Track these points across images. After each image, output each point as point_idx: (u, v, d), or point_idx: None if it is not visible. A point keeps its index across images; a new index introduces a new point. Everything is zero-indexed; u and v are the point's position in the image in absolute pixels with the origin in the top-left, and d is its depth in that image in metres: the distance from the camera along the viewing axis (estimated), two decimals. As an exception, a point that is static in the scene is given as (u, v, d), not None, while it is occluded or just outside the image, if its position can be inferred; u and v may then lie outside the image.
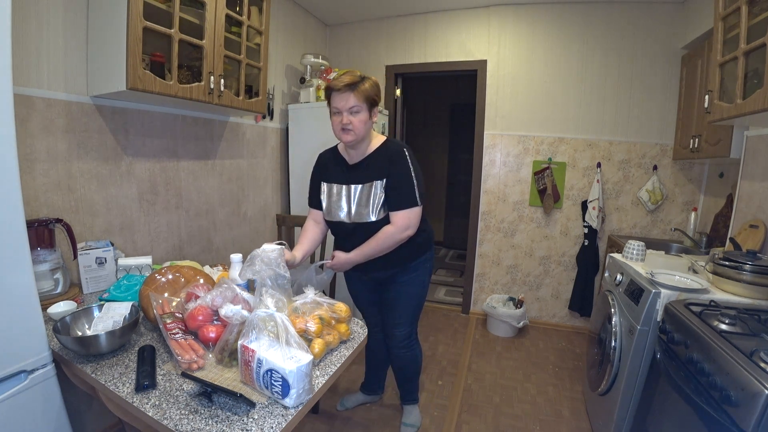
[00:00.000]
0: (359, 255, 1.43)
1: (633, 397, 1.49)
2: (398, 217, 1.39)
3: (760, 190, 1.77)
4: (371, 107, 1.39)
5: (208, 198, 2.21)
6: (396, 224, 1.39)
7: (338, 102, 1.36)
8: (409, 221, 1.39)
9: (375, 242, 1.40)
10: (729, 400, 0.90)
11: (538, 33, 2.81)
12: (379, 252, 1.43)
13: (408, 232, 1.40)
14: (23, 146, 1.35)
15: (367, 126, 1.40)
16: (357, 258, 1.43)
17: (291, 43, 2.85)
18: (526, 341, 2.79)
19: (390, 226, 1.40)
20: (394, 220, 1.40)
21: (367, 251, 1.42)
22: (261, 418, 0.80)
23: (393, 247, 1.42)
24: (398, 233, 1.39)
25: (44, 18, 1.38)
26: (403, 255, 1.51)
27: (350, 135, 1.38)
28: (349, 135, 1.38)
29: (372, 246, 1.41)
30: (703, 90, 2.00)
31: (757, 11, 1.40)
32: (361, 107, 1.35)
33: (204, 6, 1.63)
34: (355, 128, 1.36)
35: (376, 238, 1.40)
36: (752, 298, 1.36)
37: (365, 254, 1.43)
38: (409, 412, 1.87)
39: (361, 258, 1.43)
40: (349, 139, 1.39)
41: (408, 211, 1.39)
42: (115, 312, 1.13)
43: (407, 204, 1.39)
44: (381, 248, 1.41)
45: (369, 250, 1.42)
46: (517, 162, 2.97)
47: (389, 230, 1.39)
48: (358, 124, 1.36)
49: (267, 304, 0.96)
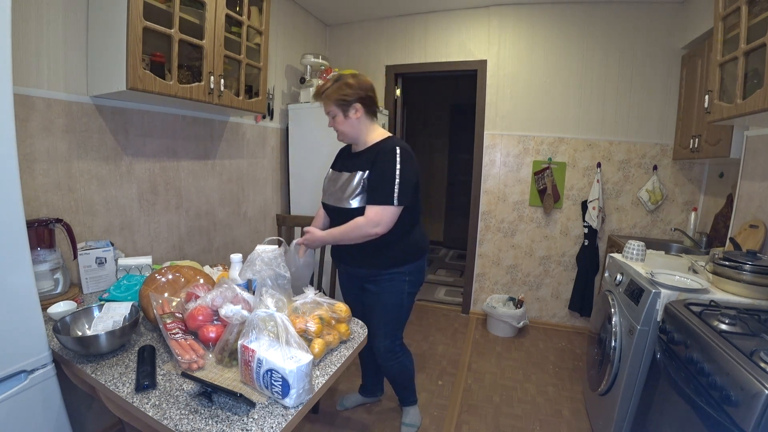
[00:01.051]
0: (328, 236, 1.44)
1: (633, 397, 1.49)
2: (370, 211, 1.38)
3: (760, 190, 1.77)
4: (344, 106, 1.43)
5: (208, 198, 2.21)
6: (367, 217, 1.38)
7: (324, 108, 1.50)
8: (380, 218, 1.36)
9: (344, 228, 1.42)
10: (729, 400, 0.90)
11: (538, 33, 2.81)
12: (346, 239, 1.42)
13: (377, 230, 1.37)
14: (23, 146, 1.35)
15: (350, 124, 1.46)
16: (326, 238, 1.45)
17: (291, 43, 2.85)
18: (526, 341, 2.79)
19: (361, 218, 1.39)
20: (366, 212, 1.39)
21: (336, 234, 1.43)
22: (261, 418, 0.80)
23: (359, 239, 1.40)
24: (366, 227, 1.37)
25: (44, 18, 1.38)
26: (377, 260, 1.51)
27: (339, 136, 1.52)
28: (338, 136, 1.52)
29: (341, 231, 1.42)
30: (703, 90, 2.00)
31: (757, 11, 1.40)
32: (334, 111, 1.45)
33: (204, 6, 1.63)
34: (337, 129, 1.49)
35: (346, 225, 1.41)
36: (752, 298, 1.36)
37: (334, 237, 1.44)
38: (409, 413, 1.87)
39: (330, 239, 1.45)
40: (340, 139, 1.53)
41: (381, 208, 1.37)
42: (115, 312, 1.13)
43: (382, 200, 1.37)
44: (347, 236, 1.41)
45: (337, 234, 1.43)
46: (517, 162, 2.97)
47: (359, 221, 1.39)
48: (338, 126, 1.48)
49: (267, 304, 0.96)
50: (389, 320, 1.59)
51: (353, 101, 1.42)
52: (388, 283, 1.54)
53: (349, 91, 1.41)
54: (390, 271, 1.53)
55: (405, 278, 1.55)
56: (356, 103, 1.42)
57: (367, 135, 1.49)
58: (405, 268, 1.54)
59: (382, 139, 1.49)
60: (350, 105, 1.42)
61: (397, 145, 1.43)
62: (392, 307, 1.57)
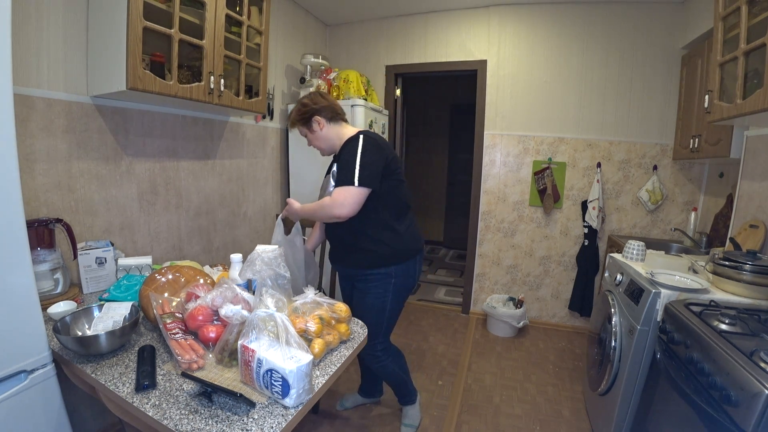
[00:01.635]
0: (303, 209, 1.52)
1: (633, 397, 1.49)
2: (336, 192, 1.40)
3: (760, 190, 1.77)
4: (307, 124, 1.55)
5: (208, 198, 2.21)
6: (333, 197, 1.40)
7: None
8: (343, 198, 1.37)
9: (316, 204, 1.47)
10: (729, 400, 0.90)
11: (538, 33, 2.81)
12: (317, 216, 1.48)
13: (342, 210, 1.37)
14: (23, 146, 1.35)
15: (319, 137, 1.56)
16: (302, 210, 1.52)
17: (291, 43, 2.85)
18: (526, 341, 2.79)
19: (327, 198, 1.43)
20: (333, 193, 1.41)
21: (308, 209, 1.50)
22: (261, 418, 0.80)
23: (327, 218, 1.45)
24: (331, 206, 1.38)
25: (44, 18, 1.39)
26: (362, 259, 1.52)
27: (320, 151, 1.63)
28: (320, 151, 1.63)
29: (312, 206, 1.48)
30: (703, 90, 2.00)
31: (757, 11, 1.40)
32: (303, 130, 1.58)
33: (204, 6, 1.63)
34: (314, 145, 1.60)
35: (318, 202, 1.46)
36: (752, 298, 1.36)
37: (305, 210, 1.51)
38: (408, 413, 1.88)
39: (304, 213, 1.52)
40: (322, 154, 1.65)
41: (344, 189, 1.38)
42: (115, 312, 1.13)
43: (344, 181, 1.39)
44: (316, 213, 1.46)
45: (309, 209, 1.50)
46: (517, 162, 2.97)
47: (325, 200, 1.43)
48: (313, 143, 1.60)
49: (267, 304, 0.96)
50: (369, 323, 1.47)
51: (311, 115, 1.53)
52: (372, 284, 1.53)
53: (306, 108, 1.53)
54: (374, 272, 1.52)
55: (390, 280, 1.52)
56: (315, 115, 1.52)
57: (338, 138, 1.55)
58: (391, 270, 1.52)
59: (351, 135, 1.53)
60: (311, 119, 1.53)
61: (361, 133, 1.49)
62: (373, 309, 1.53)
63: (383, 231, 1.49)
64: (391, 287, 1.53)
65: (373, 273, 1.52)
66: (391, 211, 1.49)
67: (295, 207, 1.54)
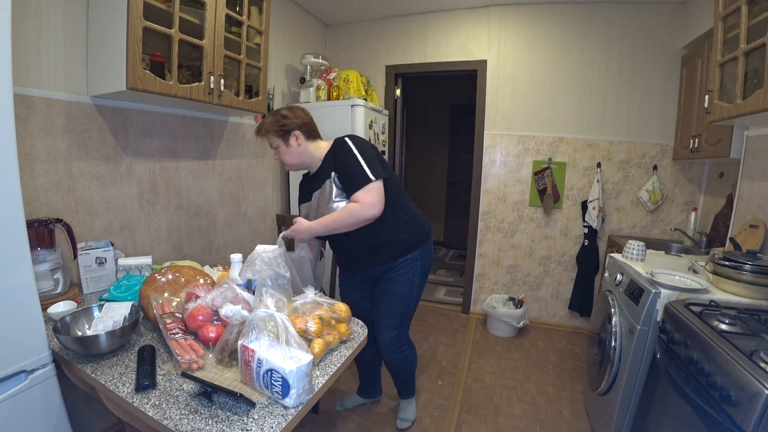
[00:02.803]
0: (320, 225, 1.41)
1: (633, 397, 1.49)
2: (359, 197, 1.38)
3: (760, 190, 1.77)
4: (284, 136, 1.47)
5: (208, 198, 2.21)
6: (361, 202, 1.37)
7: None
8: (371, 198, 1.36)
9: (337, 215, 1.39)
10: (729, 400, 0.90)
11: (538, 33, 2.81)
12: (342, 226, 1.39)
13: (374, 210, 1.36)
14: (23, 146, 1.35)
15: (293, 152, 1.49)
16: (317, 228, 1.41)
17: (291, 43, 2.85)
18: (526, 341, 2.79)
19: (354, 204, 1.38)
20: (357, 199, 1.39)
21: (329, 222, 1.40)
22: (261, 418, 0.80)
23: (357, 224, 1.39)
24: (364, 210, 1.36)
25: (44, 18, 1.38)
26: (387, 255, 1.52)
27: (286, 166, 1.55)
28: (286, 166, 1.55)
29: (333, 218, 1.40)
30: (703, 90, 2.00)
31: (757, 11, 1.40)
32: (276, 142, 1.48)
33: (204, 6, 1.63)
34: (283, 161, 1.52)
35: (339, 212, 1.40)
36: (752, 298, 1.36)
37: (325, 225, 1.40)
38: (405, 407, 1.90)
39: (321, 228, 1.41)
40: (287, 169, 1.57)
41: (367, 188, 1.37)
42: (115, 312, 1.13)
43: (361, 183, 1.38)
44: (342, 222, 1.39)
45: (330, 222, 1.40)
46: (517, 162, 2.97)
47: (353, 206, 1.38)
48: (282, 156, 1.51)
49: (267, 304, 0.96)
50: (398, 311, 1.58)
51: (292, 129, 1.46)
52: (400, 272, 1.54)
53: (287, 121, 1.46)
54: (402, 259, 1.53)
55: (417, 263, 1.56)
56: (296, 130, 1.47)
57: (314, 154, 1.51)
58: (417, 253, 1.55)
59: (330, 146, 1.51)
60: (290, 133, 1.47)
61: (344, 137, 1.48)
62: (402, 296, 1.57)
63: (399, 218, 1.49)
64: (418, 270, 1.56)
65: (401, 261, 1.54)
66: (397, 197, 1.51)
67: (304, 226, 1.42)
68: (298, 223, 1.44)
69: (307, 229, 1.42)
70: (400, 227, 1.50)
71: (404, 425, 1.85)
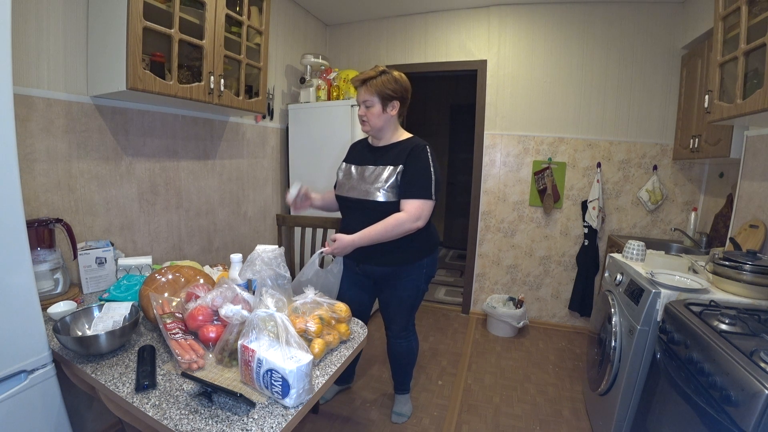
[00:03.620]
0: (363, 237, 1.39)
1: (633, 397, 1.49)
2: (411, 206, 1.39)
3: (760, 190, 1.77)
4: (385, 100, 1.44)
5: (208, 198, 2.21)
6: (408, 212, 1.39)
7: (357, 96, 1.49)
8: (421, 212, 1.40)
9: (383, 226, 1.38)
10: (729, 400, 0.90)
11: (538, 33, 2.81)
12: (385, 236, 1.39)
13: (418, 224, 1.40)
14: (23, 146, 1.35)
15: (383, 118, 1.47)
16: (360, 240, 1.39)
17: (291, 43, 2.85)
18: (526, 341, 2.79)
19: (402, 213, 1.39)
20: (407, 208, 1.40)
21: (373, 234, 1.39)
22: (261, 418, 0.80)
23: (400, 235, 1.40)
24: (409, 222, 1.39)
25: (44, 18, 1.38)
26: (398, 258, 1.53)
27: (365, 126, 1.50)
28: (365, 126, 1.50)
29: (378, 229, 1.39)
30: (703, 90, 2.00)
31: (757, 11, 1.40)
32: (373, 101, 1.44)
33: (204, 6, 1.63)
34: (369, 120, 1.47)
35: (385, 222, 1.38)
36: (752, 298, 1.36)
37: (370, 237, 1.39)
38: (400, 402, 1.93)
39: (365, 241, 1.39)
40: (365, 129, 1.52)
41: (422, 202, 1.40)
42: (115, 312, 1.13)
43: (422, 195, 1.40)
44: (388, 233, 1.39)
45: (375, 234, 1.39)
46: (517, 162, 2.97)
47: (401, 217, 1.38)
48: (371, 116, 1.46)
49: (267, 304, 0.96)
50: (406, 310, 1.69)
51: (396, 97, 1.45)
52: (408, 278, 1.58)
53: (396, 87, 1.44)
54: (412, 265, 1.57)
55: (423, 270, 1.60)
56: (397, 100, 1.45)
57: (392, 132, 1.52)
58: (425, 261, 1.59)
59: (407, 138, 1.52)
60: (392, 100, 1.45)
61: (425, 143, 1.50)
62: (409, 300, 1.65)
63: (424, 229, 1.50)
64: (423, 276, 1.62)
65: (411, 267, 1.57)
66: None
67: (347, 240, 1.39)
68: (339, 240, 1.40)
69: (350, 243, 1.40)
70: (417, 235, 1.49)
71: (400, 420, 1.87)
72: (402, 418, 1.88)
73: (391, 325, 1.74)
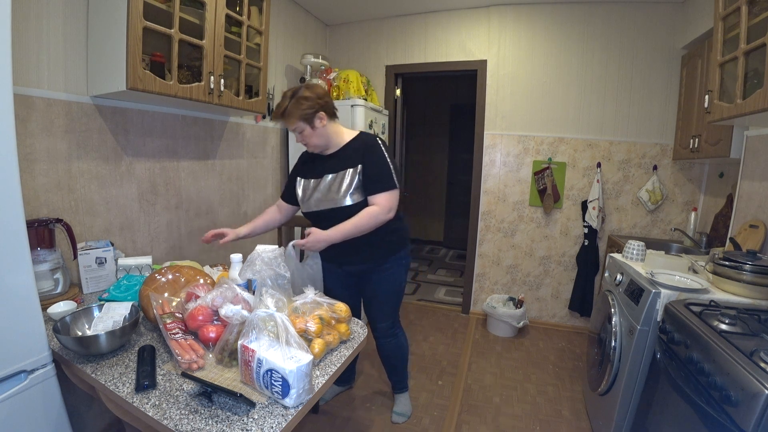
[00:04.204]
0: (338, 232, 1.40)
1: (633, 397, 1.49)
2: (381, 199, 1.44)
3: (760, 190, 1.77)
4: (309, 119, 1.42)
5: (208, 198, 2.21)
6: (379, 205, 1.43)
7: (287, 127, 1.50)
8: (390, 203, 1.44)
9: (357, 219, 1.41)
10: (729, 400, 0.90)
11: (538, 33, 2.81)
12: (360, 230, 1.42)
13: (390, 214, 1.45)
14: (23, 146, 1.34)
15: (318, 134, 1.46)
16: (335, 235, 1.40)
17: (291, 43, 2.85)
18: (526, 341, 2.79)
19: (374, 207, 1.43)
20: (377, 201, 1.43)
21: (349, 228, 1.40)
22: (261, 418, 0.80)
23: (374, 227, 1.43)
24: (382, 214, 1.43)
25: (44, 18, 1.38)
26: (376, 253, 1.58)
27: (310, 148, 1.52)
28: (309, 148, 1.53)
29: (353, 223, 1.41)
30: (703, 90, 2.00)
31: (757, 11, 1.40)
32: (299, 126, 1.44)
33: (204, 6, 1.63)
34: (308, 142, 1.49)
35: (359, 216, 1.41)
36: (752, 298, 1.36)
37: (345, 232, 1.40)
38: (400, 401, 1.93)
39: (339, 236, 1.40)
40: (312, 151, 1.54)
41: (389, 193, 1.45)
42: (115, 312, 1.13)
43: (388, 187, 1.44)
44: (362, 226, 1.41)
45: (350, 228, 1.41)
46: (517, 162, 2.97)
47: (373, 210, 1.42)
48: (307, 138, 1.48)
49: (267, 304, 0.96)
50: (390, 305, 1.72)
51: (317, 110, 1.43)
52: (390, 271, 1.63)
53: (310, 102, 1.41)
54: (392, 258, 1.62)
55: (402, 262, 1.65)
56: (320, 111, 1.43)
57: (337, 137, 1.52)
58: (402, 253, 1.65)
59: (355, 137, 1.54)
60: (314, 116, 1.43)
61: (375, 137, 1.54)
62: (392, 293, 1.69)
63: (392, 221, 1.52)
64: (403, 268, 1.67)
65: (390, 261, 1.62)
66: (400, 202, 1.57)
67: (321, 235, 1.39)
68: (313, 234, 1.39)
69: (325, 238, 1.39)
70: (391, 229, 1.55)
71: (400, 420, 1.87)
72: (402, 418, 1.88)
73: (376, 323, 1.74)
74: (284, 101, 1.43)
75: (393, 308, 1.73)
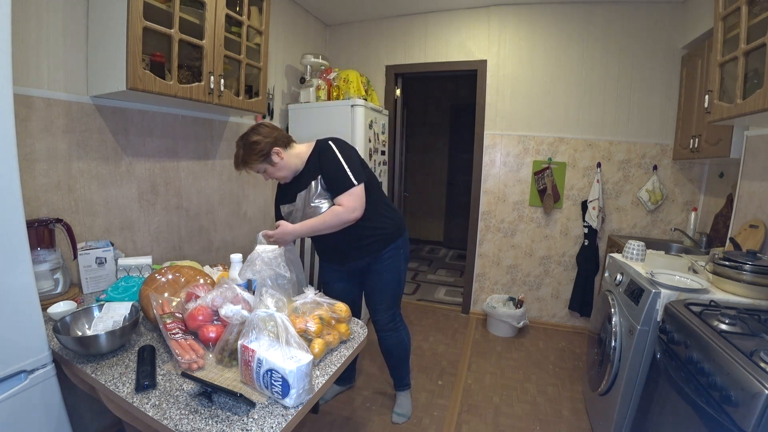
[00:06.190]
0: (304, 227, 1.46)
1: (633, 397, 1.49)
2: (343, 199, 1.45)
3: (760, 190, 1.77)
4: (266, 159, 1.48)
5: (208, 198, 2.21)
6: (343, 206, 1.45)
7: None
8: (353, 202, 1.45)
9: (323, 217, 1.46)
10: (729, 400, 0.90)
11: (538, 33, 2.81)
12: (325, 227, 1.46)
13: (356, 214, 1.46)
14: (23, 146, 1.34)
15: (281, 166, 1.51)
16: (301, 229, 1.46)
17: (291, 43, 2.85)
18: (526, 341, 2.79)
19: (337, 207, 1.46)
20: (341, 203, 1.46)
21: (315, 224, 1.46)
22: (261, 418, 0.80)
23: (340, 225, 1.46)
24: (346, 213, 1.45)
25: (44, 18, 1.38)
26: (374, 247, 1.62)
27: (280, 180, 1.59)
28: (280, 180, 1.59)
29: (320, 220, 1.46)
30: (703, 90, 2.00)
31: (757, 11, 1.40)
32: (260, 168, 1.50)
33: (204, 6, 1.63)
34: (276, 178, 1.56)
35: (324, 215, 1.46)
36: (752, 298, 1.36)
37: (311, 227, 1.46)
38: (401, 401, 1.93)
39: (306, 230, 1.46)
40: (284, 182, 1.59)
41: (349, 193, 1.45)
42: (115, 312, 1.13)
43: (345, 187, 1.45)
44: (327, 224, 1.45)
45: (317, 223, 1.45)
46: (517, 162, 2.97)
47: (337, 209, 1.45)
48: (273, 175, 1.53)
49: (267, 304, 0.96)
50: (389, 295, 1.73)
51: (269, 149, 1.47)
52: (387, 261, 1.66)
53: (261, 146, 1.46)
54: (387, 249, 1.64)
55: (400, 251, 1.68)
56: (273, 147, 1.48)
57: (298, 159, 1.55)
58: (399, 242, 1.67)
59: (312, 149, 1.56)
60: (270, 154, 1.48)
61: (328, 140, 1.55)
62: (392, 283, 1.70)
63: (380, 212, 1.59)
64: (401, 257, 1.69)
65: (387, 251, 1.65)
66: (376, 193, 1.61)
67: (288, 229, 1.46)
68: (282, 227, 1.46)
69: (292, 232, 1.46)
70: (382, 222, 1.61)
71: (400, 420, 1.87)
72: (402, 418, 1.88)
73: (377, 314, 1.75)
74: (238, 150, 1.50)
75: (393, 298, 1.74)
